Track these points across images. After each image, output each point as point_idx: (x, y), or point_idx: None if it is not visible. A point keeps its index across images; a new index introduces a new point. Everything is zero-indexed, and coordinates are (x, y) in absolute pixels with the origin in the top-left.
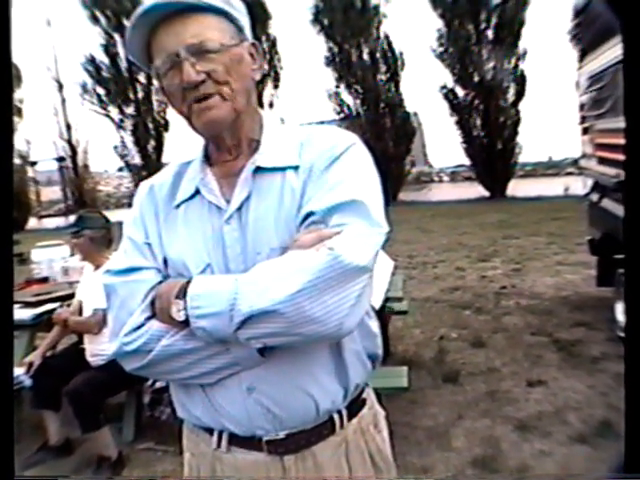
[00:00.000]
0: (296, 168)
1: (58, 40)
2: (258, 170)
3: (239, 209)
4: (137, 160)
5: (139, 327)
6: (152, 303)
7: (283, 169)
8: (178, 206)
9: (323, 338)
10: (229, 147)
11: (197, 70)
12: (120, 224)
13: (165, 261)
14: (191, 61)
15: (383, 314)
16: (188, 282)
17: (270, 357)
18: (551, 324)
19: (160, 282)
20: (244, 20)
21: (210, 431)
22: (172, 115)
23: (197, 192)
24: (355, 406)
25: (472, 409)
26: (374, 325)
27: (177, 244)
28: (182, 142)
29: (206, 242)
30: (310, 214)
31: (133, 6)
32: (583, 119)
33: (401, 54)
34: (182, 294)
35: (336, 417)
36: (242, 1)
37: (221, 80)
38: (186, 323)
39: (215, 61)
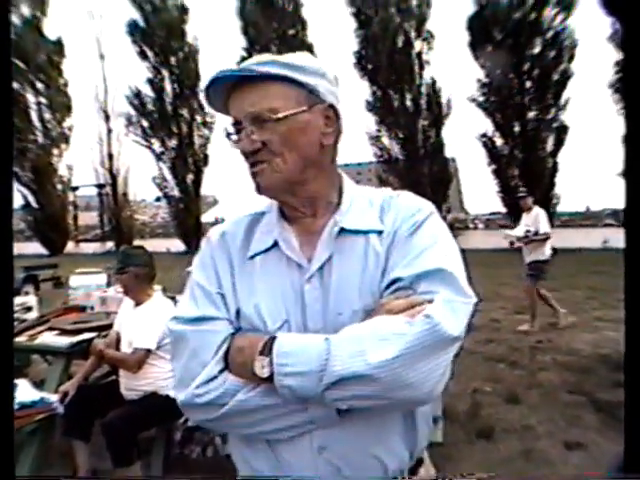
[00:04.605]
0: (380, 232)
1: (109, 73)
2: (341, 232)
3: (321, 268)
4: (175, 192)
5: (213, 379)
6: (224, 355)
7: (366, 232)
8: (252, 257)
9: (413, 403)
10: (294, 206)
11: (252, 140)
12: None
13: (237, 313)
14: (249, 129)
15: None
16: (272, 338)
17: (344, 417)
18: (589, 383)
19: (232, 334)
20: (320, 82)
21: None
22: (212, 150)
23: (274, 245)
24: (415, 466)
25: (506, 468)
26: None
27: (253, 297)
28: (221, 177)
29: (285, 298)
30: (396, 280)
31: (180, 44)
32: None
33: (448, 101)
34: (267, 350)
35: (399, 478)
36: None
37: (276, 151)
38: (268, 380)
39: (272, 131)
